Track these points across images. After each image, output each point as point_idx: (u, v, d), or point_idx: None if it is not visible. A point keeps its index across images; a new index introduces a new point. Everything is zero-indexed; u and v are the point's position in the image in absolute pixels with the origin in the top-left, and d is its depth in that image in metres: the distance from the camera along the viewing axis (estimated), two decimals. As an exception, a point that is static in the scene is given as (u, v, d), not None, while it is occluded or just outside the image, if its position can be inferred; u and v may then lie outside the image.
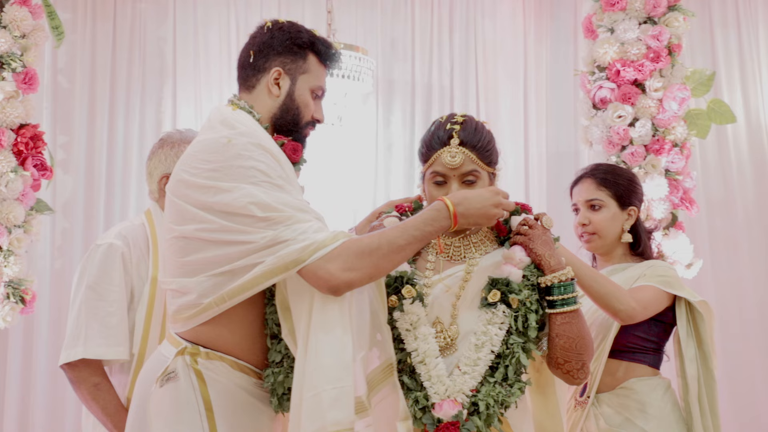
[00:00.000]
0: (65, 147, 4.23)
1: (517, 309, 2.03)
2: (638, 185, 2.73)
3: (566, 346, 2.05)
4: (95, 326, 2.39)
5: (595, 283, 2.40)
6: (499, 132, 4.65)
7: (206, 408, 1.93)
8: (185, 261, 1.95)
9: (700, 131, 3.96)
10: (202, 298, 1.94)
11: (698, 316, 2.59)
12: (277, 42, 2.07)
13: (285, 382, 1.99)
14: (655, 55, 3.77)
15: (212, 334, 1.98)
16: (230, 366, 1.98)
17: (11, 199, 3.44)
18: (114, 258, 2.43)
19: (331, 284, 1.86)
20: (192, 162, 1.96)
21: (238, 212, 1.87)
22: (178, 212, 1.97)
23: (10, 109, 3.44)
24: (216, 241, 1.90)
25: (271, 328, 2.01)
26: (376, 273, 1.92)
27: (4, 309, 3.43)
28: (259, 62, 2.07)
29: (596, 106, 3.87)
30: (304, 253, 1.85)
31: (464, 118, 2.11)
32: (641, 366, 2.61)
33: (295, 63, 2.08)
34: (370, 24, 4.61)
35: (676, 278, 2.62)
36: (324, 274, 1.85)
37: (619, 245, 2.70)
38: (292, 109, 2.08)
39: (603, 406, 2.58)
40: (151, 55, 4.37)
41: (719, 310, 4.27)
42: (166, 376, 1.95)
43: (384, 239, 1.91)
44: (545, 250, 2.07)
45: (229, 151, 1.91)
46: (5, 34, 3.46)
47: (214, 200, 1.89)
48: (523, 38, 4.79)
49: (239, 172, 1.89)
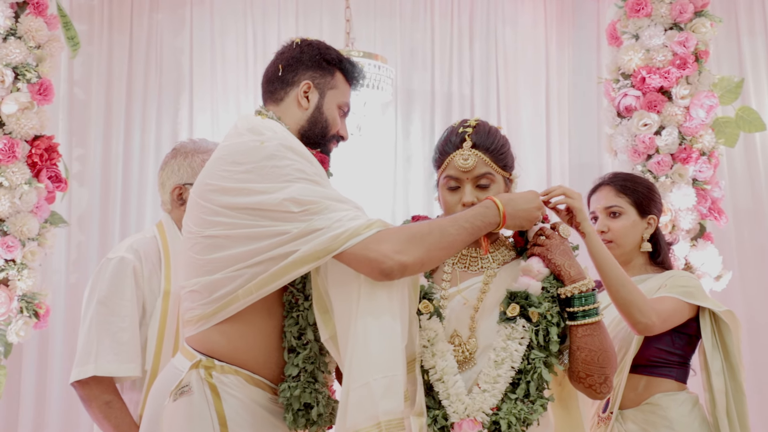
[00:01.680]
0: (81, 159, 4.23)
1: (538, 323, 1.98)
2: (657, 194, 2.70)
3: (588, 359, 1.99)
4: (106, 342, 2.36)
5: (622, 288, 2.33)
6: (521, 142, 4.60)
7: (220, 423, 1.90)
8: (210, 259, 1.93)
9: (728, 139, 3.90)
10: (227, 291, 1.91)
11: (724, 326, 2.54)
12: (306, 57, 2.11)
13: (302, 396, 1.96)
14: (681, 62, 3.70)
15: (228, 346, 1.95)
16: (245, 380, 1.95)
17: (25, 211, 3.42)
18: (125, 272, 2.40)
19: (384, 266, 1.84)
20: (221, 165, 1.96)
21: (274, 209, 1.87)
22: (204, 214, 1.95)
23: (25, 120, 3.42)
24: (247, 236, 1.89)
25: (290, 341, 1.98)
26: (428, 259, 1.90)
27: (18, 323, 3.40)
28: (288, 76, 2.10)
29: (621, 114, 3.82)
30: (337, 241, 1.84)
31: (477, 122, 2.11)
32: (666, 380, 2.55)
33: (323, 78, 2.11)
34: (389, 32, 4.58)
35: (699, 288, 2.57)
36: (377, 256, 1.84)
37: (639, 255, 2.65)
38: (321, 121, 2.10)
39: (628, 423, 2.53)
40: (167, 66, 4.37)
41: (748, 322, 4.22)
42: (180, 389, 1.93)
43: (435, 226, 1.92)
44: (564, 259, 2.02)
45: (261, 153, 1.92)
46: (20, 45, 3.45)
47: (247, 201, 1.88)
48: (545, 46, 4.73)
49: (273, 172, 1.89)
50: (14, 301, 3.40)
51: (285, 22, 4.46)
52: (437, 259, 1.94)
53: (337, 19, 4.38)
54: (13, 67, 3.44)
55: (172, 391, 1.94)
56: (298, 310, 1.99)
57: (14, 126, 3.41)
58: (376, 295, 1.88)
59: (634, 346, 2.51)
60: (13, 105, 3.39)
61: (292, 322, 1.98)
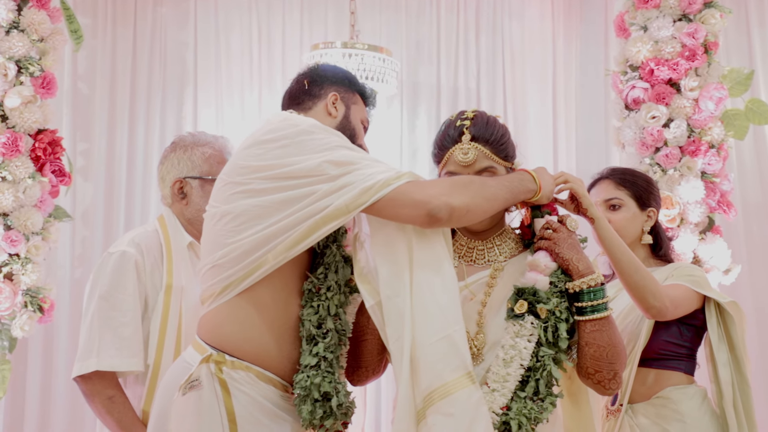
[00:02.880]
0: (85, 154, 4.23)
1: (546, 319, 1.94)
2: (656, 187, 2.72)
3: (597, 355, 1.96)
4: (108, 337, 2.35)
5: (635, 273, 2.31)
6: (528, 136, 4.58)
7: (229, 420, 1.88)
8: (241, 229, 1.92)
9: (737, 132, 3.85)
10: (257, 256, 1.90)
11: (728, 318, 2.54)
12: (330, 74, 2.18)
13: (321, 385, 1.92)
14: (690, 54, 3.66)
15: (241, 336, 1.94)
16: (256, 376, 1.93)
17: (29, 205, 3.41)
18: (127, 266, 2.39)
19: (431, 206, 1.84)
20: (254, 148, 1.97)
21: (310, 173, 1.88)
22: (235, 189, 1.95)
23: (28, 114, 3.40)
24: (282, 201, 1.89)
25: (309, 330, 1.96)
26: (473, 206, 1.89)
27: (22, 318, 3.39)
28: (315, 89, 2.14)
29: (629, 106, 3.78)
30: (369, 192, 1.86)
31: (475, 113, 2.06)
32: (676, 373, 2.55)
33: (348, 93, 2.17)
34: (395, 26, 4.56)
35: (704, 278, 2.57)
36: (423, 197, 1.85)
37: (640, 248, 2.65)
38: (349, 129, 2.15)
39: (639, 417, 2.52)
40: (171, 60, 4.37)
41: (757, 315, 4.20)
42: (190, 383, 1.91)
43: (475, 178, 1.95)
44: (572, 253, 1.99)
45: (296, 129, 1.95)
46: (23, 38, 3.43)
47: (284, 170, 1.90)
48: (552, 39, 4.71)
49: (311, 143, 1.92)
50: (18, 296, 3.38)
51: (290, 16, 4.45)
52: (481, 210, 1.92)
53: (341, 12, 4.37)
54: (16, 60, 3.42)
55: (181, 385, 1.92)
56: (319, 299, 1.97)
57: (17, 120, 3.39)
58: (431, 244, 1.90)
59: (643, 338, 2.50)
60: (16, 99, 3.38)
61: (312, 312, 1.96)
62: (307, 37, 4.43)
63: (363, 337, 2.02)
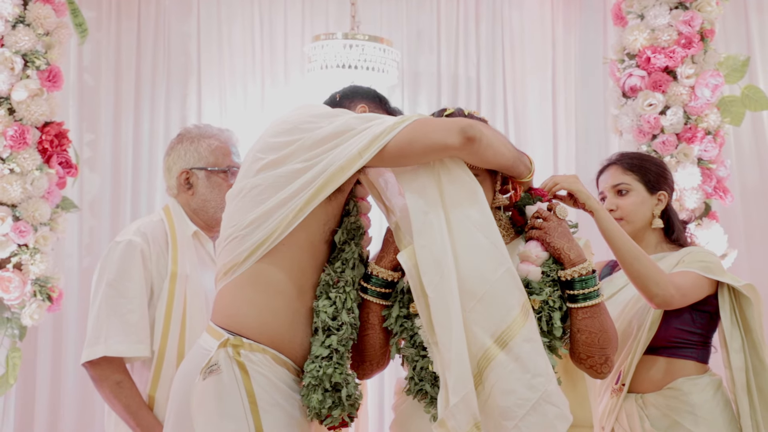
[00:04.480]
0: (91, 145, 4.25)
1: (540, 309, 1.96)
2: (668, 171, 2.68)
3: (588, 341, 1.98)
4: (116, 324, 2.39)
5: (636, 261, 2.31)
6: (528, 124, 4.59)
7: (250, 401, 1.90)
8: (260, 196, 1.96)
9: (734, 118, 3.88)
10: (277, 217, 1.94)
11: (745, 301, 2.49)
12: (362, 91, 2.25)
13: (333, 375, 1.95)
14: (686, 41, 3.69)
15: (257, 320, 1.97)
16: (272, 359, 1.96)
17: (36, 196, 3.46)
18: (133, 255, 2.42)
19: (463, 124, 1.90)
20: (284, 124, 2.01)
21: (337, 131, 1.93)
22: (261, 164, 1.99)
23: (35, 107, 3.45)
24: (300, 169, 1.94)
25: (323, 320, 1.98)
26: (487, 143, 1.93)
27: (32, 307, 3.44)
28: (345, 102, 2.19)
29: (626, 94, 3.81)
30: (381, 135, 1.90)
31: (453, 110, 2.07)
32: (688, 363, 2.51)
33: (376, 108, 2.21)
34: (395, 15, 4.56)
35: (718, 264, 2.51)
36: (451, 120, 1.92)
37: (652, 233, 2.62)
38: None
39: (649, 408, 2.50)
40: (175, 51, 4.38)
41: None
42: (209, 368, 1.93)
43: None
44: (563, 242, 2.00)
45: (321, 110, 2.04)
46: (29, 32, 3.48)
47: (310, 135, 1.94)
48: (551, 28, 4.70)
49: (339, 112, 2.01)
50: (28, 285, 3.44)
51: (292, 7, 4.45)
52: (492, 152, 1.95)
53: (342, 3, 4.37)
54: (23, 54, 3.46)
55: (201, 369, 1.94)
56: (336, 291, 1.99)
57: (24, 113, 3.44)
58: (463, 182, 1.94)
59: (647, 326, 2.47)
60: (23, 92, 3.42)
61: (328, 303, 1.98)
62: (308, 28, 4.44)
63: (364, 332, 2.03)
